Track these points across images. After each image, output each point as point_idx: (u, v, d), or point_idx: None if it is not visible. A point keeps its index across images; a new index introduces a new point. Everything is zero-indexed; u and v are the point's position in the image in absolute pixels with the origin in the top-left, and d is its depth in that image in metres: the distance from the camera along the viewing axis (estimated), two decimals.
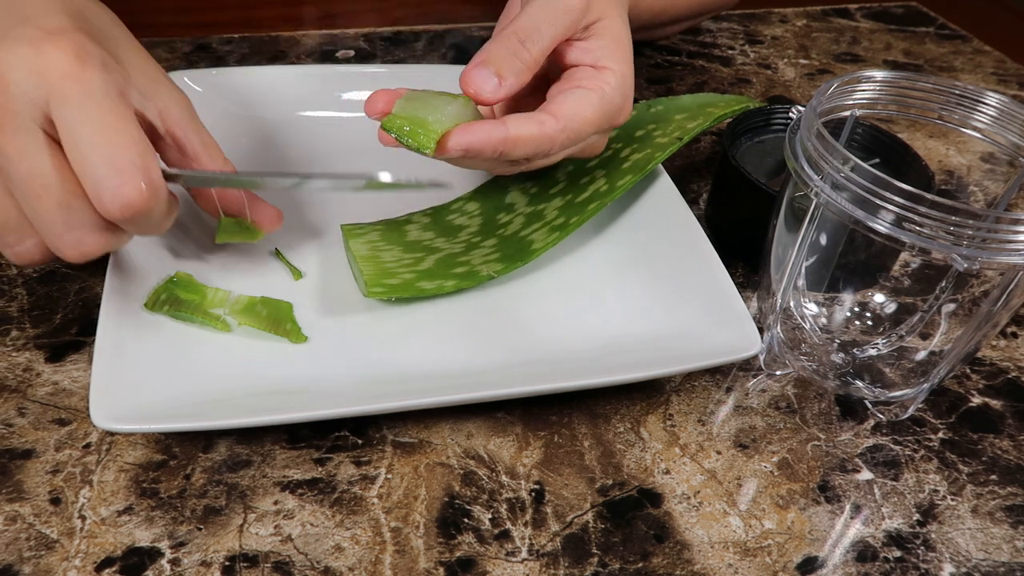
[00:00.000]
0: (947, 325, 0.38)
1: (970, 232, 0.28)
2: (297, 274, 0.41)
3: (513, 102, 0.41)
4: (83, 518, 0.32)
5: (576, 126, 0.35)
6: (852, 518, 0.34)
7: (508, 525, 0.32)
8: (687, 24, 0.67)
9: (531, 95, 0.40)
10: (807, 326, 0.40)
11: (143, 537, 0.31)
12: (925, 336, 0.38)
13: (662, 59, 0.67)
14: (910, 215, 0.29)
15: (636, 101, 0.50)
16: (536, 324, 0.39)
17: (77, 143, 0.29)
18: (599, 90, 0.36)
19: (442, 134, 0.33)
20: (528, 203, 0.44)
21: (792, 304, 0.40)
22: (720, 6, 0.66)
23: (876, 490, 0.35)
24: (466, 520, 0.33)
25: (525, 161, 0.36)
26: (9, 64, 0.29)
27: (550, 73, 0.39)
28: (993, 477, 0.36)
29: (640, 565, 0.31)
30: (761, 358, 0.40)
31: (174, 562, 0.30)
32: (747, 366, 0.40)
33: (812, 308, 0.40)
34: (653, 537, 0.32)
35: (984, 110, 0.35)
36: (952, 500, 0.35)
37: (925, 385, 0.36)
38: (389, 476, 0.34)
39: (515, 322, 0.40)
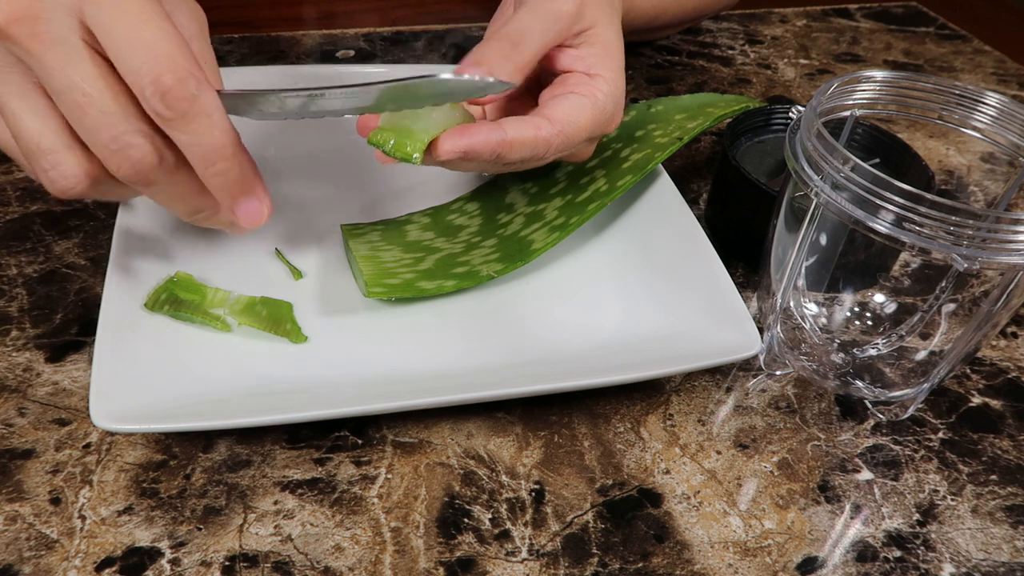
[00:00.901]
0: (947, 325, 0.38)
1: (970, 232, 0.28)
2: (297, 274, 0.41)
3: (505, 104, 0.41)
4: (83, 518, 0.32)
5: (571, 131, 0.36)
6: (852, 518, 0.34)
7: (508, 525, 0.32)
8: (685, 25, 0.68)
9: (521, 99, 0.40)
10: (807, 326, 0.40)
11: (143, 537, 0.31)
12: (925, 336, 0.38)
13: (662, 59, 0.67)
14: (910, 215, 0.29)
15: (636, 101, 0.50)
16: (536, 324, 0.39)
17: (115, 42, 0.28)
18: (592, 97, 0.36)
19: (428, 142, 0.33)
20: (528, 203, 0.44)
21: (792, 304, 0.40)
22: (718, 7, 0.66)
23: (876, 490, 0.35)
24: (466, 520, 0.33)
25: (519, 163, 0.37)
26: None
27: (542, 78, 0.39)
28: (993, 477, 0.36)
29: (640, 565, 0.31)
30: (761, 358, 0.40)
31: (174, 562, 0.30)
32: (747, 366, 0.40)
33: (812, 308, 0.40)
34: (653, 537, 0.32)
35: (984, 110, 0.35)
36: (952, 500, 0.35)
37: (925, 385, 0.36)
38: (389, 476, 0.34)
39: (515, 322, 0.40)
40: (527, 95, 0.40)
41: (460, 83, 0.32)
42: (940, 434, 0.37)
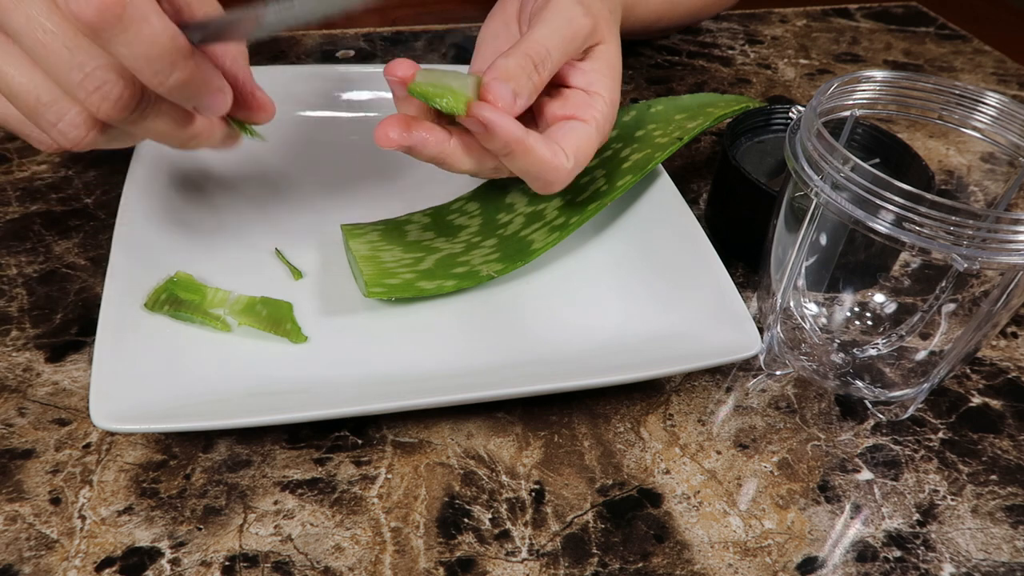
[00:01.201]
0: (947, 325, 0.38)
1: (970, 232, 0.28)
2: (297, 274, 0.41)
3: None
4: (83, 518, 0.32)
5: (583, 162, 0.37)
6: (852, 518, 0.34)
7: (508, 525, 0.32)
8: (684, 27, 0.68)
9: None
10: (807, 326, 0.40)
11: (143, 537, 0.31)
12: (925, 336, 0.38)
13: (662, 59, 0.67)
14: (910, 215, 0.29)
15: (636, 101, 0.50)
16: (536, 324, 0.39)
17: None
18: (594, 121, 0.37)
19: (468, 99, 0.33)
20: (528, 203, 0.44)
21: (792, 304, 0.40)
22: (716, 10, 0.66)
23: (876, 490, 0.35)
24: (466, 520, 0.33)
25: (517, 174, 0.37)
26: None
27: None
28: (993, 477, 0.36)
29: (640, 565, 0.31)
30: (761, 358, 0.40)
31: (174, 562, 0.30)
32: (747, 366, 0.40)
33: (812, 308, 0.40)
34: (653, 537, 0.32)
35: (984, 110, 0.35)
36: (952, 500, 0.35)
37: (925, 385, 0.36)
38: (389, 476, 0.34)
39: (515, 322, 0.40)
40: None
41: None
42: (940, 434, 0.37)
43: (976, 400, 0.39)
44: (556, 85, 0.38)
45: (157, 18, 0.27)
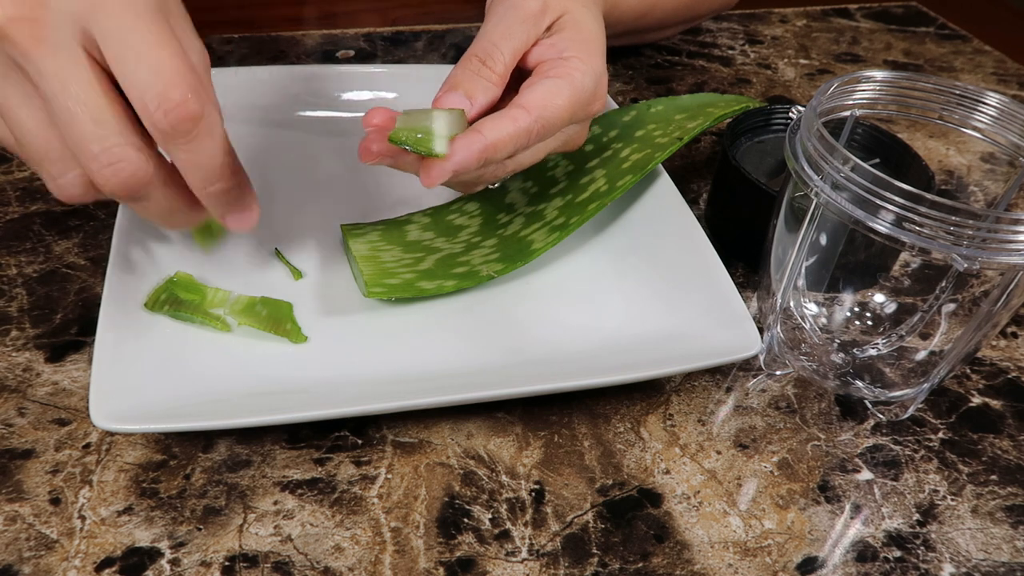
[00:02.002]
0: (947, 325, 0.38)
1: (970, 232, 0.28)
2: (297, 274, 0.41)
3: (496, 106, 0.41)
4: (83, 518, 0.32)
5: (549, 115, 0.35)
6: (852, 518, 0.34)
7: (508, 525, 0.32)
8: (684, 27, 0.67)
9: (508, 98, 0.41)
10: (807, 326, 0.40)
11: (143, 537, 0.31)
12: (925, 336, 0.38)
13: (662, 59, 0.67)
14: (910, 215, 0.29)
15: (635, 101, 0.50)
16: (536, 324, 0.39)
17: (122, 52, 0.28)
18: (568, 77, 0.36)
19: (450, 139, 0.33)
20: (528, 203, 0.44)
21: (792, 304, 0.40)
22: (714, 7, 0.66)
23: (876, 490, 0.35)
24: (466, 520, 0.33)
25: (509, 161, 0.37)
26: None
27: (523, 75, 0.39)
28: (993, 477, 0.36)
29: (640, 565, 0.31)
30: (761, 358, 0.40)
31: (174, 562, 0.30)
32: (747, 366, 0.40)
33: (812, 308, 0.40)
34: (653, 537, 0.32)
35: (984, 110, 0.35)
36: (952, 500, 0.35)
37: (925, 385, 0.36)
38: (389, 476, 0.34)
39: (515, 322, 0.40)
40: (514, 93, 0.40)
41: None
42: (940, 434, 0.37)
43: (976, 400, 0.39)
44: (534, 66, 0.38)
45: (221, 134, 0.30)
